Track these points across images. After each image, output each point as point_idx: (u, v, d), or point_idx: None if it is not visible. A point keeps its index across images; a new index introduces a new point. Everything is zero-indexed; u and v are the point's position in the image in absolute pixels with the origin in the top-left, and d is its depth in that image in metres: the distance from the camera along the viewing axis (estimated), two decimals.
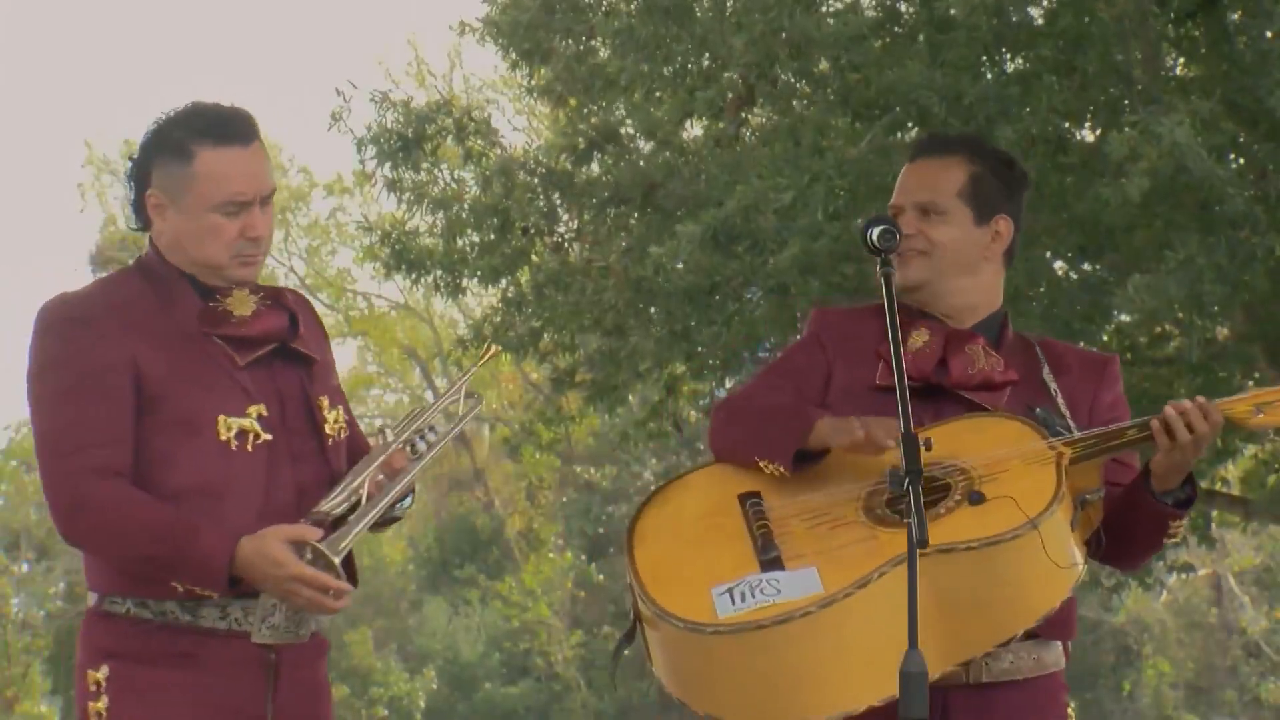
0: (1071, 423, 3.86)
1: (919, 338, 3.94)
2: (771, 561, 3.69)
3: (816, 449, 3.81)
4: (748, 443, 3.90)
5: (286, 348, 3.77)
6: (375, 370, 34.97)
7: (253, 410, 3.68)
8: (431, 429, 3.81)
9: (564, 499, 32.58)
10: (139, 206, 3.80)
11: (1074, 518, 3.72)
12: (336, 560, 3.55)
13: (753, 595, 3.63)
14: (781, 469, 3.82)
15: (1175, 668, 29.97)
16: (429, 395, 34.79)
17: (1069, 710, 3.96)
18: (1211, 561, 25.81)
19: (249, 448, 3.67)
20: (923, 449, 3.53)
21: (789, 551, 3.71)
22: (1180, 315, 9.49)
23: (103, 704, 3.62)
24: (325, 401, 3.80)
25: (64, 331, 3.66)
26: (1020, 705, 3.85)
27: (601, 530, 31.76)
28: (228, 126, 3.73)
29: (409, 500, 3.84)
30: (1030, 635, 3.81)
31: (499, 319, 11.94)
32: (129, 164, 3.81)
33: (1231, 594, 29.43)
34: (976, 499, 3.62)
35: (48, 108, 56.96)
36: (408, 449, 3.77)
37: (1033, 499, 3.63)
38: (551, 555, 31.77)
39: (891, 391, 3.59)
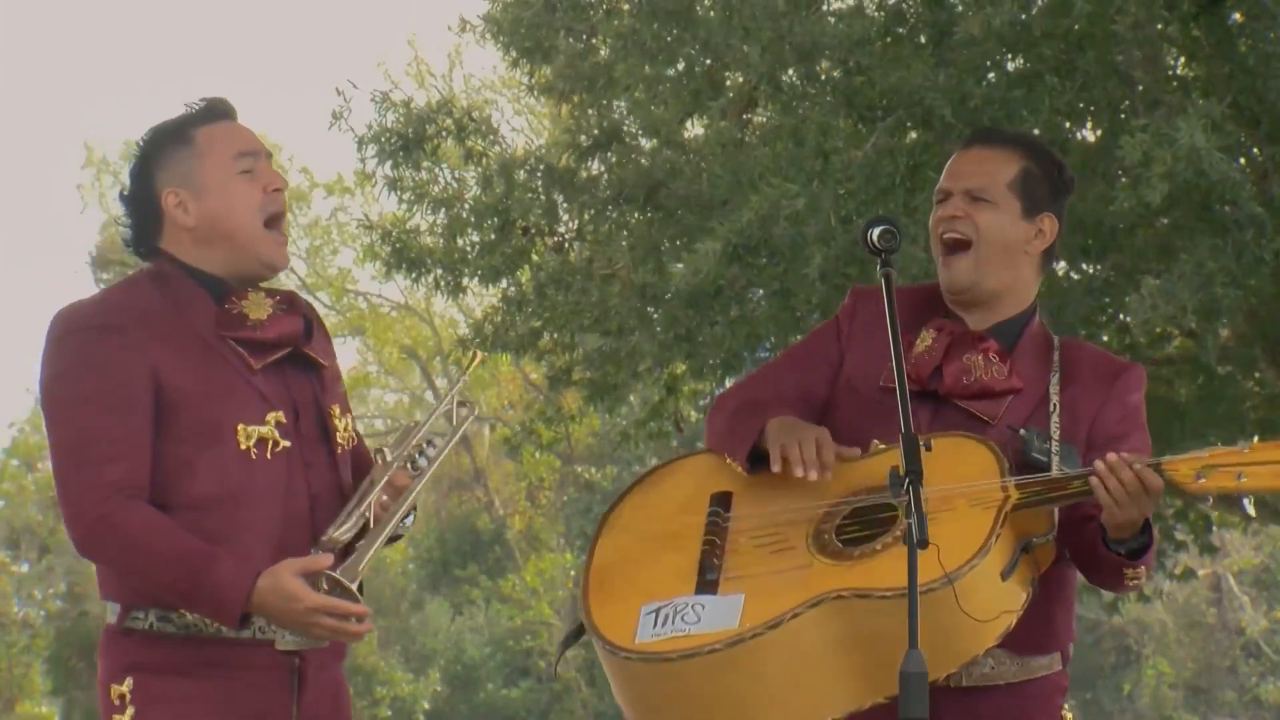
0: (1055, 446, 3.79)
1: (924, 340, 3.93)
2: (708, 583, 3.70)
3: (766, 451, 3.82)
4: (719, 436, 3.94)
5: (298, 353, 3.75)
6: (375, 370, 34.96)
7: (271, 417, 3.67)
8: (430, 443, 3.79)
9: (564, 499, 32.57)
10: (145, 224, 3.76)
11: (1009, 565, 3.62)
12: (353, 586, 3.50)
13: (673, 621, 3.67)
14: (739, 467, 3.85)
15: (1175, 668, 29.96)
16: (429, 395, 34.79)
17: (1064, 713, 3.91)
18: (1211, 562, 25.80)
19: (268, 455, 3.65)
20: (923, 449, 3.51)
21: (729, 571, 3.72)
22: (1194, 321, 9.44)
23: (128, 716, 3.58)
24: (336, 409, 3.80)
25: (82, 339, 3.62)
26: (1006, 710, 3.82)
27: None
28: (212, 108, 3.80)
29: (411, 517, 3.83)
30: (1010, 651, 3.78)
31: (499, 319, 11.91)
32: (123, 195, 3.78)
33: (1231, 594, 29.44)
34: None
35: (48, 108, 56.97)
36: (408, 466, 3.75)
37: (960, 548, 3.55)
38: (551, 555, 31.75)
39: (893, 393, 3.57)
